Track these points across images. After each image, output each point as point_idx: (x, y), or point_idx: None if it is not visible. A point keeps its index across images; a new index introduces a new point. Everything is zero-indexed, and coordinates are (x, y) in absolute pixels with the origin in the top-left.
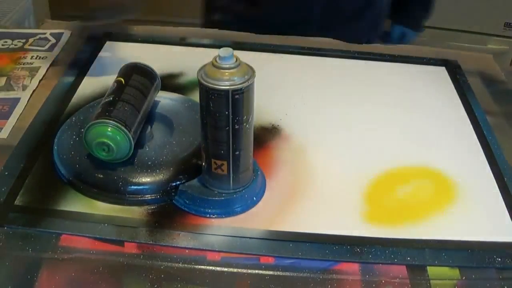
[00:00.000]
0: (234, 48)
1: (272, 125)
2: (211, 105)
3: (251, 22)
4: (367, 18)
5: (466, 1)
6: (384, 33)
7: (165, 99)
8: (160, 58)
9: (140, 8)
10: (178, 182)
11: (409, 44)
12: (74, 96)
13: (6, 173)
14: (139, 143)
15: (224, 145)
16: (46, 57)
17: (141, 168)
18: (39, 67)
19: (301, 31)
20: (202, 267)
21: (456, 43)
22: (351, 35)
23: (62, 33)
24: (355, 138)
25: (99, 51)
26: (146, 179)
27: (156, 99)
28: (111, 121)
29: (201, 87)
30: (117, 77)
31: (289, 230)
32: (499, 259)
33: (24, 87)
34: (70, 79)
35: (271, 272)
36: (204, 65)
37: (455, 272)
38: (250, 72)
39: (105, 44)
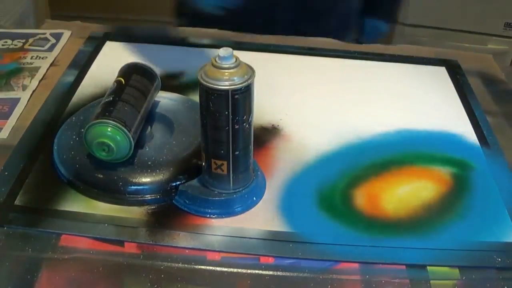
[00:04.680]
0: (234, 48)
1: (272, 125)
2: (211, 105)
3: (219, 23)
4: (336, 16)
5: (466, 1)
6: (358, 29)
7: (165, 99)
8: (160, 58)
9: None
10: (178, 182)
11: (382, 38)
12: (74, 96)
13: (6, 173)
14: (139, 143)
15: (224, 145)
16: (46, 57)
17: (141, 168)
18: (39, 67)
19: (269, 31)
20: (202, 267)
21: (456, 43)
22: (320, 33)
23: (62, 33)
24: (356, 138)
25: (99, 51)
26: (146, 179)
27: (156, 99)
28: (111, 121)
29: (201, 87)
30: (117, 77)
31: (289, 230)
32: (499, 259)
33: (24, 87)
34: (70, 79)
35: (271, 272)
36: (204, 65)
37: (455, 272)
38: (250, 72)
39: (105, 44)
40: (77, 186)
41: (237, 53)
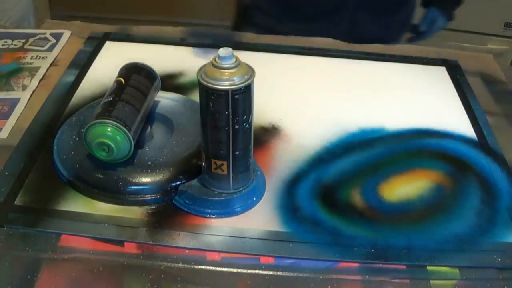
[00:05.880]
0: (234, 48)
1: (272, 125)
2: (211, 105)
3: (283, 10)
4: (399, 16)
5: (466, 1)
6: (412, 26)
7: (165, 99)
8: (160, 58)
9: None
10: (178, 182)
11: (439, 31)
12: (74, 96)
13: (6, 173)
14: (139, 143)
15: (224, 145)
16: (46, 57)
17: (141, 168)
18: (39, 67)
19: (332, 21)
20: (202, 267)
21: (456, 43)
22: (381, 31)
23: (62, 33)
24: (355, 138)
25: (99, 51)
26: (146, 179)
27: (156, 99)
28: (111, 121)
29: (201, 87)
30: (117, 77)
31: (289, 231)
32: (499, 259)
33: (24, 87)
34: (70, 79)
35: (271, 272)
36: (204, 65)
37: (455, 272)
38: (250, 72)
39: (105, 44)
40: (77, 186)
41: (237, 53)
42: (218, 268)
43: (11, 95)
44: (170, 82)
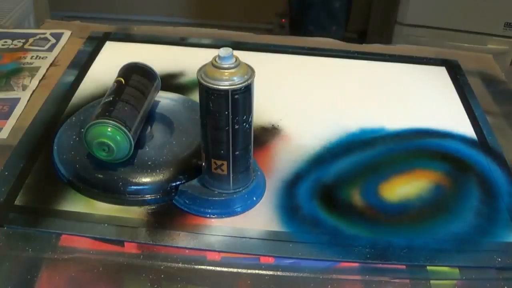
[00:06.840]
0: (234, 48)
1: (272, 125)
2: (211, 105)
3: None
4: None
5: (466, 1)
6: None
7: (165, 99)
8: (160, 58)
9: None
10: (178, 182)
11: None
12: (74, 96)
13: (6, 173)
14: (139, 143)
15: (223, 145)
16: (46, 57)
17: (141, 168)
18: (39, 67)
19: None
20: (202, 267)
21: (456, 43)
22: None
23: (62, 33)
24: (355, 138)
25: (99, 51)
26: (146, 179)
27: (156, 99)
28: (111, 121)
29: (201, 87)
30: (117, 77)
31: (289, 230)
32: (499, 259)
33: (24, 87)
34: (70, 79)
35: (271, 272)
36: (204, 65)
37: (455, 272)
38: (250, 72)
39: (105, 44)
40: (77, 186)
41: (237, 53)
42: (218, 268)
43: (11, 95)
44: (170, 82)
